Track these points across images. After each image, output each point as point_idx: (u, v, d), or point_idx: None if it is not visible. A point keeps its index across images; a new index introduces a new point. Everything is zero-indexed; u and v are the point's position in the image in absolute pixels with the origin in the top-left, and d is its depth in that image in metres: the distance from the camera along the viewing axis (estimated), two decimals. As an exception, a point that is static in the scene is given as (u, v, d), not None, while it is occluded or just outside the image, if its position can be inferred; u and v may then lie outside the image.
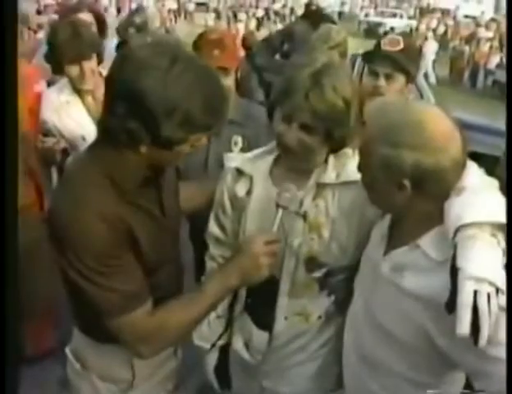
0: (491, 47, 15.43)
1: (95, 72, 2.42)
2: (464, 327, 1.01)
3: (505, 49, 15.28)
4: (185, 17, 27.53)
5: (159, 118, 1.13)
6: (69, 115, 2.45)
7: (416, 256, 1.22)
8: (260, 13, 25.13)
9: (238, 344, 1.68)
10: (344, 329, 1.52)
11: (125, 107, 1.14)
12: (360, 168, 1.29)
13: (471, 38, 17.00)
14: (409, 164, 1.14)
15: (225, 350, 1.72)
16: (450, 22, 22.59)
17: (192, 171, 2.05)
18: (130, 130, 1.15)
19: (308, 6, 5.83)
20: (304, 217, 1.46)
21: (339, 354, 1.54)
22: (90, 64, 2.37)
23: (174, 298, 1.36)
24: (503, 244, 1.08)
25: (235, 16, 23.76)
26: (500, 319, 1.05)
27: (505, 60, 13.67)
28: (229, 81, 2.14)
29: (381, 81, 2.21)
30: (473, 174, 1.23)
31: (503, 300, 1.05)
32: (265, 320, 1.58)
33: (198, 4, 29.42)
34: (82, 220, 1.20)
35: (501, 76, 13.32)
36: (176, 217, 1.51)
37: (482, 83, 14.60)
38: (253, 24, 16.79)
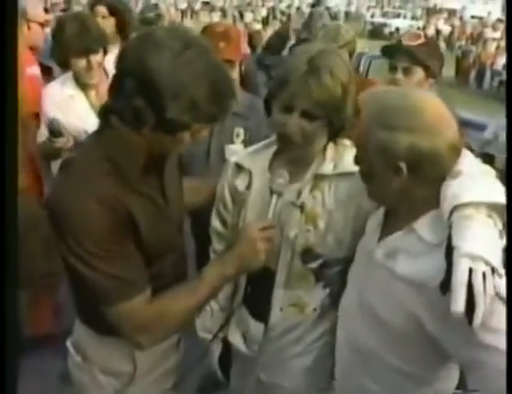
0: (497, 47, 15.35)
1: (101, 66, 2.43)
2: (458, 304, 1.00)
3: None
4: (192, 16, 27.57)
5: (165, 99, 1.13)
6: (72, 109, 2.45)
7: (410, 240, 1.21)
8: (264, 12, 25.12)
9: (235, 337, 1.69)
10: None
11: (134, 84, 1.14)
12: (357, 157, 1.29)
13: (477, 39, 16.94)
14: (404, 147, 1.15)
15: (227, 342, 1.73)
16: (457, 22, 22.52)
17: (194, 163, 2.07)
18: (135, 107, 1.15)
19: (314, 5, 5.84)
20: (302, 208, 1.46)
21: (333, 348, 1.54)
22: (97, 58, 2.37)
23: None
24: (499, 225, 1.08)
25: (241, 15, 23.79)
26: (494, 305, 1.03)
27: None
28: (233, 74, 2.15)
29: (399, 75, 2.23)
30: (470, 160, 1.23)
31: (499, 282, 1.03)
32: (261, 311, 1.59)
33: (204, 3, 29.45)
34: (82, 204, 1.20)
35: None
36: (179, 207, 1.50)
37: (488, 84, 14.53)
38: (258, 23, 16.79)
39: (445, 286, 1.03)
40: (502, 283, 1.06)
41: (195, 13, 28.16)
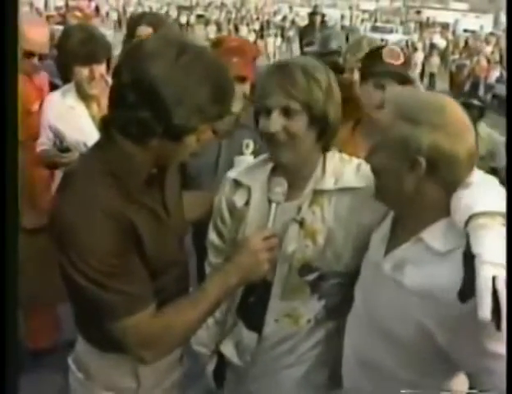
0: (490, 61, 15.53)
1: (103, 78, 2.42)
2: (485, 311, 0.99)
3: (504, 63, 15.39)
4: (187, 30, 27.74)
5: (170, 107, 1.13)
6: (72, 120, 2.43)
7: (418, 250, 1.21)
8: (258, 26, 25.30)
9: (228, 347, 1.67)
10: (335, 335, 1.51)
11: (136, 97, 1.13)
12: (372, 154, 1.28)
13: (470, 53, 17.12)
14: (426, 143, 1.15)
15: (222, 354, 1.72)
16: (450, 36, 22.77)
17: (202, 176, 2.05)
18: (141, 120, 1.15)
19: (312, 14, 5.88)
20: (301, 223, 1.45)
21: (327, 358, 1.54)
22: (100, 69, 2.36)
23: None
24: None
25: (236, 28, 23.95)
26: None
27: (504, 74, 13.76)
28: (245, 88, 2.14)
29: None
30: (477, 172, 1.24)
31: None
32: (255, 322, 1.58)
33: (199, 16, 29.63)
34: (86, 218, 1.18)
35: (501, 90, 13.38)
36: (180, 219, 1.49)
37: (482, 97, 14.67)
38: (252, 36, 16.93)
39: (465, 294, 1.03)
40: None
41: (190, 26, 28.33)
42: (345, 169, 1.46)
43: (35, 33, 2.53)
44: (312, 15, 6.11)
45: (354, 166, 1.47)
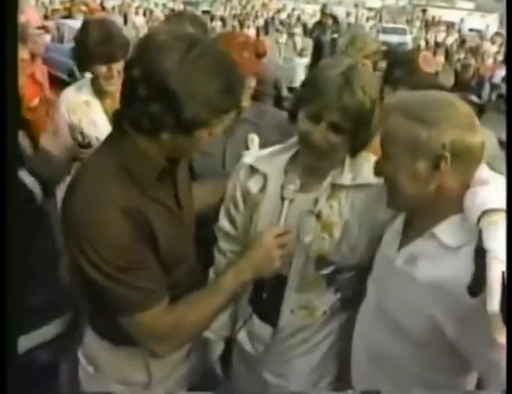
0: (495, 60, 15.44)
1: (120, 74, 2.42)
2: (495, 304, 1.02)
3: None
4: (192, 25, 27.58)
5: (181, 100, 1.15)
6: (86, 115, 2.46)
7: (430, 245, 1.23)
8: (262, 22, 25.17)
9: (241, 335, 1.69)
10: (347, 326, 1.54)
11: (148, 91, 1.15)
12: (383, 161, 1.29)
13: (476, 52, 17.02)
14: (449, 139, 1.18)
15: (230, 342, 1.73)
16: (456, 35, 22.65)
17: (209, 173, 2.07)
18: (152, 113, 1.16)
19: (322, 10, 5.92)
20: (318, 216, 1.48)
21: (339, 348, 1.57)
22: (118, 66, 2.37)
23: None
24: None
25: (240, 24, 23.86)
26: None
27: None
28: (253, 84, 2.16)
29: None
30: (487, 169, 1.28)
31: None
32: (269, 313, 1.60)
33: (204, 12, 29.56)
34: (101, 213, 1.19)
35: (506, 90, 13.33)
36: (191, 212, 1.51)
37: (487, 96, 14.58)
38: (253, 32, 16.84)
39: (475, 288, 1.05)
40: None
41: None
42: (363, 165, 1.48)
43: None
44: (322, 14, 6.17)
45: (371, 162, 1.50)
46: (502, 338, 1.09)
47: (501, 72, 14.58)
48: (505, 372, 1.09)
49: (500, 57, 15.79)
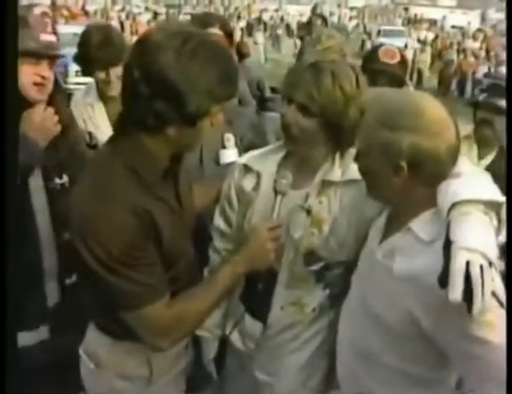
0: (477, 57, 15.62)
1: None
2: (456, 292, 1.02)
3: (492, 59, 15.50)
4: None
5: (183, 93, 1.18)
6: (89, 117, 2.46)
7: (407, 239, 1.24)
8: (244, 23, 25.23)
9: (233, 334, 1.69)
10: (336, 323, 1.53)
11: (149, 89, 1.17)
12: (358, 154, 1.31)
13: (458, 48, 17.21)
14: (406, 146, 1.18)
15: (224, 341, 1.73)
16: (438, 32, 22.86)
17: (188, 171, 2.07)
18: (157, 110, 1.19)
19: (313, 11, 5.92)
20: (308, 211, 1.50)
21: (329, 345, 1.57)
22: (117, 71, 2.37)
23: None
24: (495, 222, 1.13)
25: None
26: (489, 302, 1.06)
27: (492, 70, 13.85)
28: None
29: None
30: (468, 164, 1.28)
31: (496, 276, 1.07)
32: (260, 309, 1.61)
33: (187, 14, 29.55)
34: (111, 210, 1.21)
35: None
36: (190, 210, 1.53)
37: (469, 92, 14.75)
38: (238, 33, 16.89)
39: (444, 279, 1.05)
40: (498, 281, 1.11)
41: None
42: (351, 162, 1.51)
43: None
44: (313, 14, 6.19)
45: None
46: (477, 331, 1.09)
47: (483, 68, 14.75)
48: (483, 364, 1.12)
49: (483, 54, 15.98)
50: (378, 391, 1.36)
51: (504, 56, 14.11)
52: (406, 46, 16.48)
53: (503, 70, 11.76)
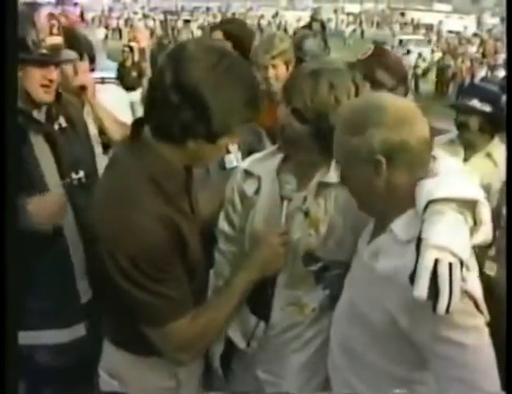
0: (473, 61, 15.68)
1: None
2: (421, 289, 1.04)
3: (489, 64, 15.54)
4: (173, 34, 27.64)
5: (211, 109, 1.18)
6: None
7: (389, 240, 1.25)
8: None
9: (235, 334, 1.70)
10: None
11: (179, 98, 1.17)
12: (340, 174, 1.34)
13: (455, 53, 17.27)
14: (377, 142, 1.20)
15: (229, 341, 1.74)
16: (434, 37, 22.95)
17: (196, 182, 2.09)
18: (184, 120, 1.18)
19: (312, 16, 5.96)
20: (306, 213, 1.52)
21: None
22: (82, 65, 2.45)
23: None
24: (470, 221, 1.12)
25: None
26: (463, 302, 1.06)
27: (489, 74, 13.90)
28: None
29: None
30: (448, 162, 1.28)
31: (473, 276, 1.08)
32: (262, 310, 1.62)
33: (186, 21, 29.61)
34: (138, 222, 1.20)
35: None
36: (201, 218, 1.53)
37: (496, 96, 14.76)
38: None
39: (413, 277, 1.07)
40: (472, 280, 1.10)
41: (178, 31, 28.24)
42: None
43: None
44: (312, 20, 6.21)
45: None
46: (447, 332, 1.10)
47: (480, 72, 14.80)
48: (454, 366, 1.11)
49: (479, 58, 16.02)
50: (365, 391, 1.36)
51: (500, 60, 14.18)
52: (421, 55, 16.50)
53: (499, 74, 11.82)
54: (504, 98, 2.49)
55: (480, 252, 1.43)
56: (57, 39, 1.78)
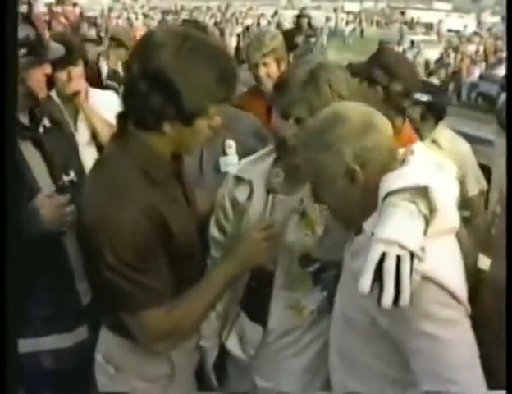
0: (474, 60, 15.65)
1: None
2: (364, 283, 1.05)
3: (489, 63, 15.53)
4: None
5: (180, 90, 1.21)
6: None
7: (363, 239, 1.26)
8: (240, 29, 25.23)
9: (231, 341, 1.69)
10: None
11: (147, 86, 1.20)
12: (314, 192, 1.34)
13: (455, 52, 17.22)
14: (348, 155, 1.21)
15: (223, 347, 1.74)
16: (434, 36, 22.87)
17: (188, 177, 2.08)
18: (154, 106, 1.21)
19: (299, 17, 5.91)
20: (302, 214, 1.52)
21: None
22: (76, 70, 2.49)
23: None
24: (424, 209, 1.10)
25: (221, 32, 23.91)
26: (424, 288, 1.07)
27: (488, 72, 13.89)
28: None
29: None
30: (423, 154, 1.28)
31: (422, 266, 1.06)
32: (259, 314, 1.61)
33: (184, 21, 29.57)
34: (123, 213, 1.23)
35: (484, 88, 13.52)
36: (196, 209, 1.55)
37: (466, 95, 14.75)
38: (234, 40, 16.87)
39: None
40: (434, 266, 1.10)
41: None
42: None
43: None
44: (298, 17, 6.18)
45: None
46: (422, 325, 1.10)
47: (480, 71, 14.77)
48: (428, 360, 1.12)
49: (479, 57, 16.01)
50: (361, 390, 1.36)
51: (500, 59, 14.15)
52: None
53: (499, 72, 11.81)
54: (503, 96, 2.56)
55: (472, 245, 1.43)
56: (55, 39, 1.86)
